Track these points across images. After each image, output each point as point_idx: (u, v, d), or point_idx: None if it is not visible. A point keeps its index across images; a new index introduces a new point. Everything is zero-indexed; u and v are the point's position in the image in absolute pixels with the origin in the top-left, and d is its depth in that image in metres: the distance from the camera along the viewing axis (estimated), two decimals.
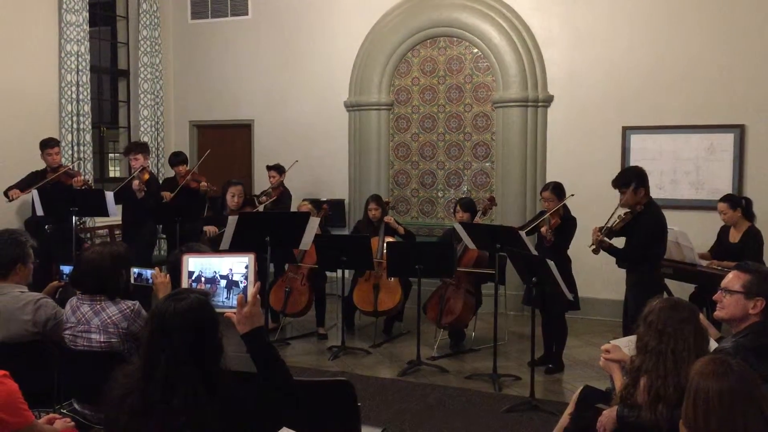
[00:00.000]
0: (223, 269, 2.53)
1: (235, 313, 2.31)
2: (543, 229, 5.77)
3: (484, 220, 6.63)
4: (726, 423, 2.18)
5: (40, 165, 7.05)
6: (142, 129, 9.11)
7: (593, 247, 5.27)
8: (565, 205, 5.86)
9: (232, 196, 6.62)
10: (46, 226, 6.75)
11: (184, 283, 2.53)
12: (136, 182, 6.97)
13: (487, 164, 8.16)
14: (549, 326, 5.92)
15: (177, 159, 7.74)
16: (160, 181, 8.04)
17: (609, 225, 5.27)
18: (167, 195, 7.24)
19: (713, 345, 3.12)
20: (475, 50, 8.11)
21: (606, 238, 5.24)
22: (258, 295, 2.34)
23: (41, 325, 3.50)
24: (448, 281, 6.38)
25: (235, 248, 5.41)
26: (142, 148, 7.33)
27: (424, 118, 8.40)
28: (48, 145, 6.98)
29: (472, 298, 6.36)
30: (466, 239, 5.94)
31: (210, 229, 6.44)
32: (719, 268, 5.88)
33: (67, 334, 3.43)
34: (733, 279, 3.19)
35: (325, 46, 8.79)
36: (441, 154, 8.36)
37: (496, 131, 8.04)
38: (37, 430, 2.72)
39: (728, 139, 7.15)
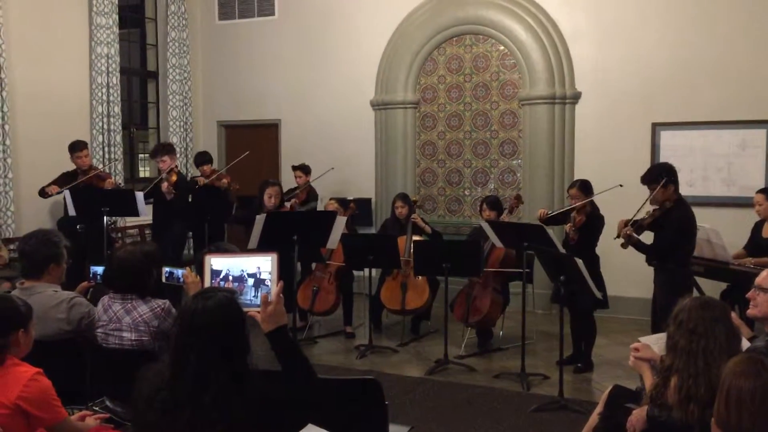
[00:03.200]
0: (251, 268, 2.54)
1: (259, 311, 2.32)
2: (567, 227, 5.73)
3: (511, 218, 6.59)
4: (759, 421, 2.15)
5: (72, 166, 7.16)
6: (171, 129, 9.21)
7: (621, 241, 5.23)
8: (592, 203, 5.80)
9: (269, 197, 6.56)
10: (78, 226, 6.85)
11: (207, 283, 2.55)
12: (164, 184, 7.04)
13: (514, 162, 8.11)
14: (577, 325, 5.88)
15: (202, 159, 7.81)
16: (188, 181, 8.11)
17: (637, 220, 5.24)
18: (201, 181, 7.47)
19: (746, 344, 3.07)
20: (502, 47, 8.07)
21: (635, 234, 5.20)
22: (281, 294, 2.35)
23: (75, 323, 3.55)
24: (476, 280, 6.35)
25: (263, 247, 5.45)
26: (168, 150, 7.38)
27: (451, 116, 8.38)
28: (76, 148, 7.06)
29: (499, 296, 6.33)
30: (493, 237, 5.91)
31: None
32: (752, 265, 5.78)
33: (99, 333, 3.48)
34: (767, 277, 3.13)
35: (351, 45, 8.81)
36: (467, 152, 8.33)
37: (523, 129, 7.99)
38: (70, 427, 2.77)
39: (760, 135, 7.02)
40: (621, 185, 5.77)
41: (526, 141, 7.94)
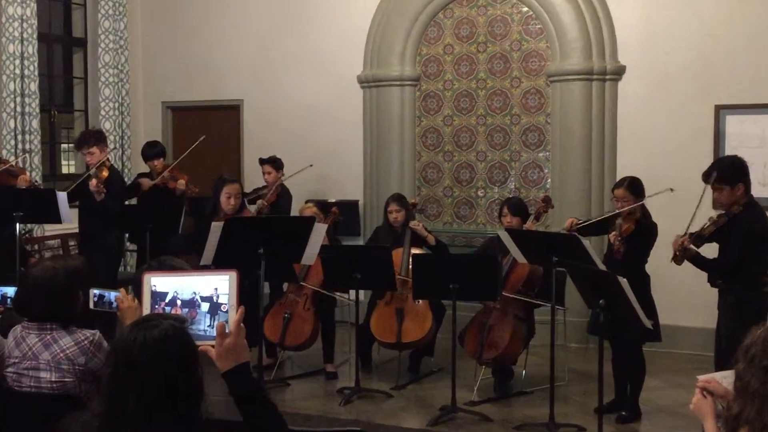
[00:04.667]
0: (205, 290, 2.54)
1: (213, 345, 2.32)
2: (611, 237, 5.74)
3: (537, 225, 6.61)
4: None
5: None
6: (102, 113, 9.17)
7: (675, 255, 5.25)
8: (643, 207, 5.82)
9: (228, 198, 6.53)
10: None
11: (148, 309, 2.54)
12: (93, 182, 7.01)
13: (540, 154, 8.14)
14: (621, 362, 5.88)
15: (152, 151, 7.81)
16: (127, 179, 8.10)
17: (697, 229, 5.25)
18: (146, 183, 7.38)
19: None
20: (525, 9, 8.10)
21: (693, 246, 5.22)
22: (243, 323, 2.35)
23: None
24: (492, 305, 6.36)
25: (221, 262, 5.44)
26: (98, 139, 7.36)
27: (460, 96, 8.40)
28: None
29: (522, 326, 6.34)
30: (515, 251, 5.93)
31: None
32: None
33: (9, 372, 3.46)
34: None
35: (332, 7, 8.83)
36: (481, 142, 8.35)
37: (551, 112, 8.02)
38: None
39: None
40: (672, 189, 5.73)
41: (556, 127, 7.97)
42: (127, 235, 8.09)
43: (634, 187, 5.81)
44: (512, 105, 8.22)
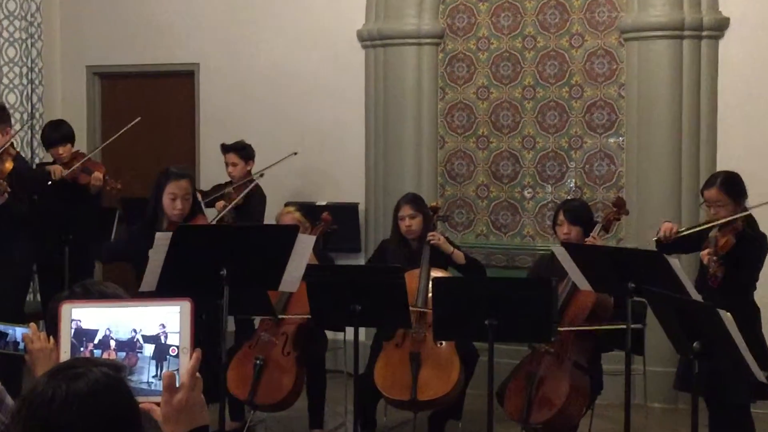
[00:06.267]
0: (149, 326, 2.54)
1: (159, 403, 2.33)
2: (704, 256, 5.72)
3: (606, 239, 6.60)
4: None
5: None
6: (5, 81, 9.21)
7: None
8: (748, 215, 5.81)
9: (173, 199, 6.45)
10: None
11: (67, 351, 2.53)
12: None
13: (611, 140, 8.14)
14: (722, 428, 5.88)
15: (57, 134, 7.81)
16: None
17: None
18: (58, 170, 7.46)
19: None
20: None
21: None
22: (198, 373, 2.36)
23: None
24: (544, 348, 6.37)
25: (168, 289, 5.44)
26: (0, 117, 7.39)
27: (499, 59, 8.42)
28: None
29: (584, 377, 6.34)
30: (575, 274, 5.94)
31: None
32: None
33: None
34: None
35: None
36: (529, 124, 8.36)
37: (627, 82, 8.03)
38: None
39: None
40: None
41: (633, 103, 7.98)
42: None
43: (728, 185, 5.82)
44: (572, 72, 8.23)
